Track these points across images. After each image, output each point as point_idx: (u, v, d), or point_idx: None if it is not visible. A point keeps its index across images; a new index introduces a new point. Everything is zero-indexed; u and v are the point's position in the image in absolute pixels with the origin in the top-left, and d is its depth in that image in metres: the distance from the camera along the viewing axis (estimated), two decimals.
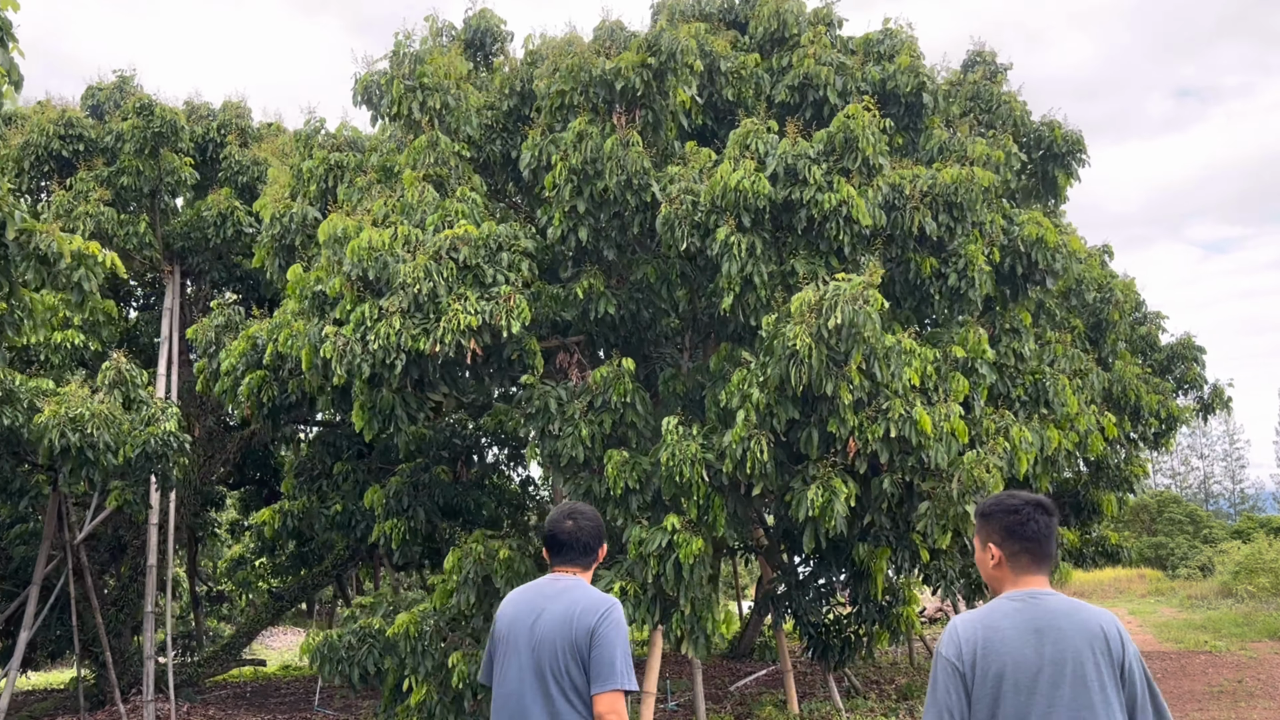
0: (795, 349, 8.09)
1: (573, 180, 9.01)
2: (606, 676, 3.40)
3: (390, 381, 8.53)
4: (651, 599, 8.92)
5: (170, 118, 14.84)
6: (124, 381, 13.04)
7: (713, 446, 8.89)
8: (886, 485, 8.78)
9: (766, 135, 9.10)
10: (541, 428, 9.20)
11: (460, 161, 9.94)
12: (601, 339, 10.29)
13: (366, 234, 8.54)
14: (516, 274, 8.92)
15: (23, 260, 7.82)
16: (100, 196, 14.48)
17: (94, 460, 12.16)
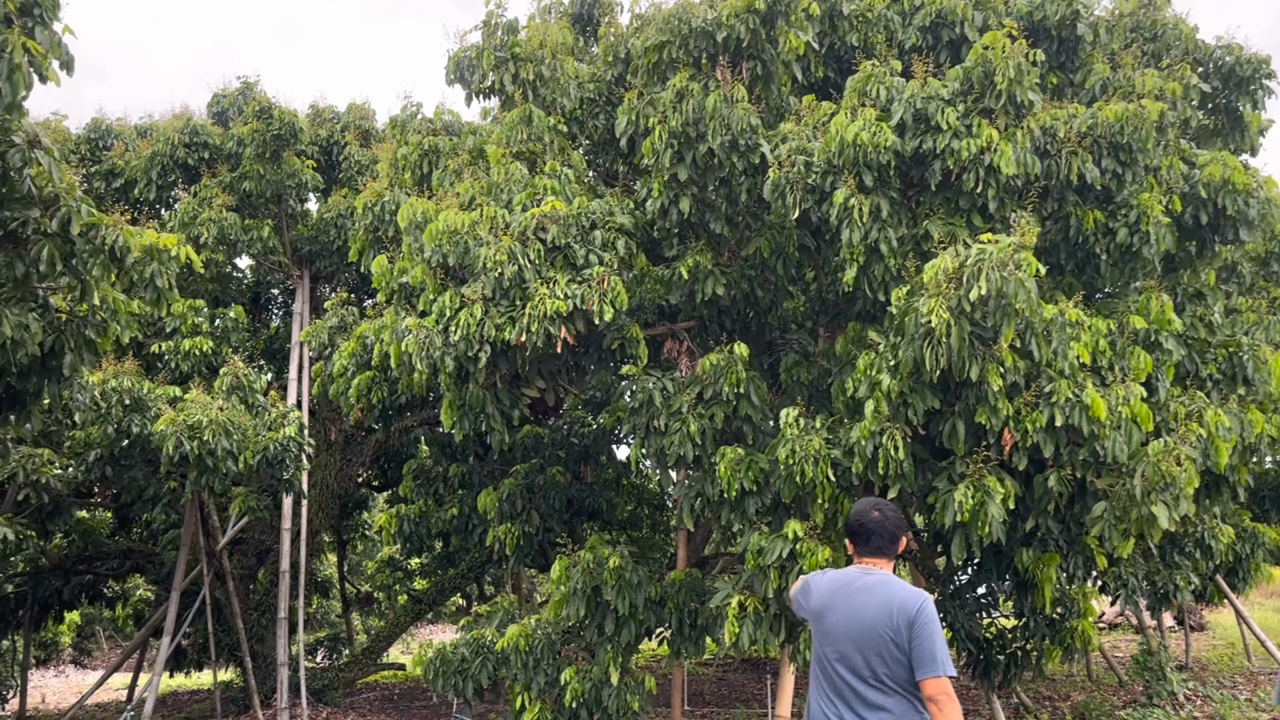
0: (931, 326, 6.72)
1: (672, 145, 7.89)
2: (931, 664, 3.72)
3: (476, 376, 7.62)
4: (775, 616, 7.70)
5: (289, 120, 14.50)
6: (241, 387, 12.70)
7: (839, 441, 7.61)
8: (1053, 483, 7.29)
9: (890, 79, 7.72)
10: (645, 423, 8.12)
11: (556, 136, 8.96)
12: (714, 324, 9.13)
13: (444, 217, 7.64)
14: (611, 253, 7.87)
15: (90, 256, 7.26)
16: (224, 202, 14.24)
17: (214, 467, 11.82)
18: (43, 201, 7.07)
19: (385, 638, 17.20)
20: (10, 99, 5.71)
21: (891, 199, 7.52)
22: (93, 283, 7.40)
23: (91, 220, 7.24)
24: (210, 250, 14.08)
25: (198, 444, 11.55)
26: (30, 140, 6.86)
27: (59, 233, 7.07)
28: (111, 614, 22.24)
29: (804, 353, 9.59)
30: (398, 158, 9.83)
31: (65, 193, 7.18)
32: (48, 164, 6.88)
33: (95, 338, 8.05)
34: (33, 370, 8.08)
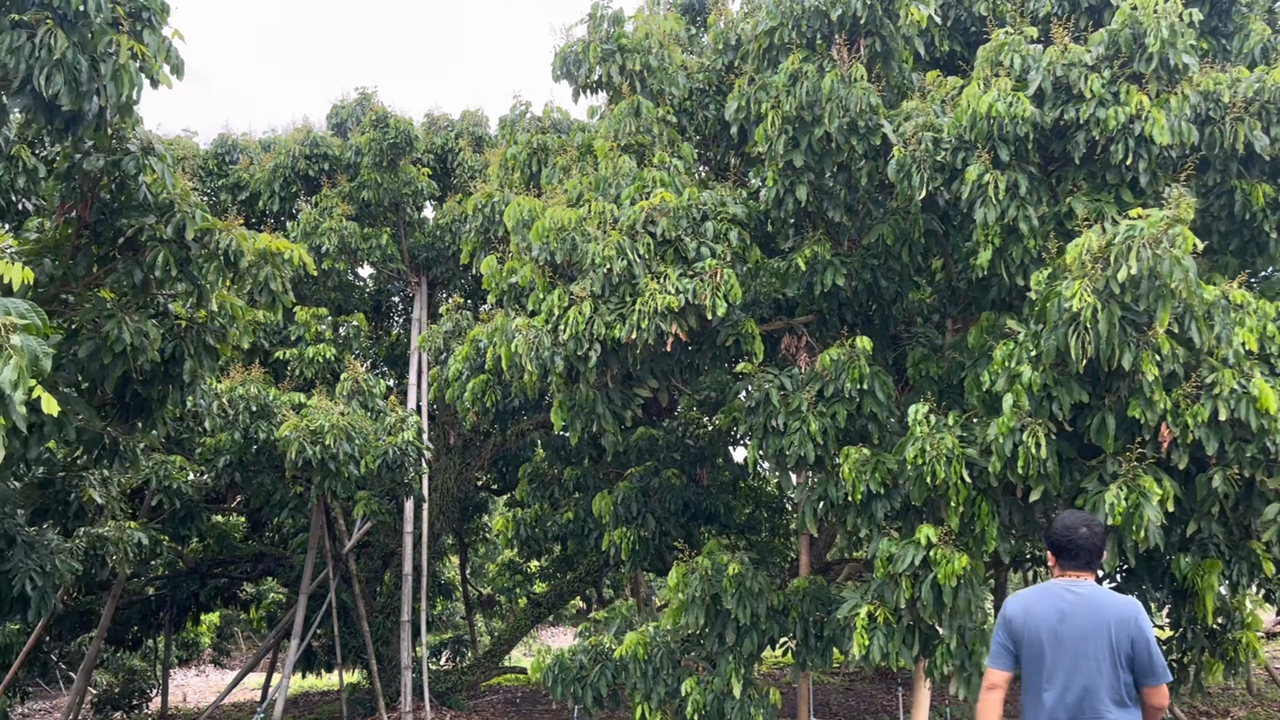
0: (1075, 311, 6.08)
1: (786, 130, 7.42)
2: (1156, 672, 3.84)
3: (586, 375, 7.29)
4: (908, 628, 7.14)
5: (404, 128, 14.55)
6: (361, 392, 12.72)
7: (975, 439, 7.01)
8: (1217, 483, 6.54)
9: (1025, 46, 7.07)
10: (763, 423, 7.66)
11: (665, 128, 8.57)
12: (834, 318, 8.59)
13: (550, 213, 7.34)
14: (724, 245, 7.44)
15: (205, 261, 7.22)
16: (343, 212, 14.36)
17: (335, 471, 11.85)
18: (158, 208, 7.06)
19: (506, 641, 17.09)
20: (117, 99, 5.64)
21: (1030, 174, 6.88)
22: (209, 288, 7.35)
23: (206, 225, 7.20)
24: (331, 259, 14.20)
25: (320, 449, 11.59)
26: (144, 147, 6.85)
27: (174, 238, 7.05)
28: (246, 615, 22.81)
29: (932, 346, 8.97)
30: (507, 158, 9.62)
31: (180, 199, 7.16)
32: (161, 170, 6.85)
33: (214, 343, 8.04)
34: (155, 377, 8.11)
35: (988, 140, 6.80)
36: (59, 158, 6.76)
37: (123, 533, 11.87)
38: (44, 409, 4.71)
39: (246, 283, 7.59)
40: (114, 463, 9.30)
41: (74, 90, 5.39)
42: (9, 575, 8.93)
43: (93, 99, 5.53)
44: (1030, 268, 6.87)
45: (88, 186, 6.79)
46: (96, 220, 7.08)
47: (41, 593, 9.02)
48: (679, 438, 11.56)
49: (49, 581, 9.07)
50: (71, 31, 5.41)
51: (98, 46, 5.53)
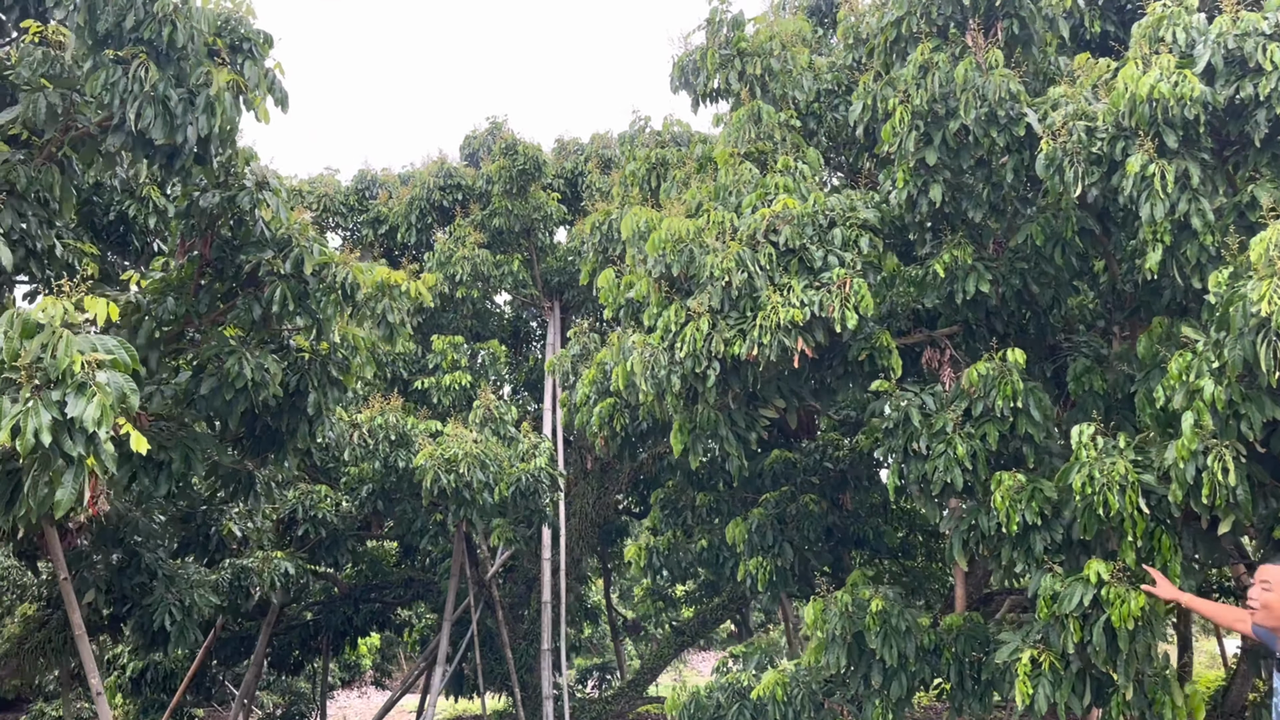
0: (1264, 316, 5.20)
1: (917, 125, 6.77)
2: None
3: (705, 395, 6.80)
4: (1077, 674, 6.32)
5: (533, 154, 14.50)
6: (493, 419, 12.59)
7: (1150, 464, 6.15)
8: None
9: (1187, 18, 6.21)
10: (903, 446, 6.97)
11: (789, 133, 8.03)
12: (982, 328, 7.83)
13: (667, 224, 6.89)
14: (853, 253, 6.83)
15: (322, 294, 7.11)
16: (476, 240, 14.37)
17: (471, 499, 11.73)
18: (276, 243, 7.00)
19: (649, 670, 16.67)
20: (209, 131, 5.51)
21: (1203, 162, 6.01)
22: (327, 321, 7.25)
23: (324, 259, 7.10)
24: (465, 288, 14.22)
25: (454, 477, 11.51)
26: (259, 182, 6.78)
27: (293, 273, 6.97)
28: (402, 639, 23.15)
29: (1096, 356, 8.08)
30: (626, 175, 9.26)
31: (299, 233, 7.07)
32: (276, 205, 6.76)
33: (338, 375, 7.94)
34: (282, 411, 8.07)
35: (1151, 126, 5.97)
36: (179, 197, 6.77)
37: (269, 563, 12.05)
38: (134, 447, 4.54)
39: (365, 315, 7.47)
40: (249, 496, 9.34)
41: (167, 123, 5.29)
42: (151, 609, 9.08)
43: (186, 131, 5.42)
44: (1207, 267, 5.99)
45: (206, 224, 6.78)
46: (217, 257, 7.08)
47: (180, 627, 9.14)
48: (817, 460, 10.90)
49: (188, 615, 9.16)
50: (166, 65, 5.33)
51: (192, 79, 5.42)
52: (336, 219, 16.44)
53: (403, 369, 14.20)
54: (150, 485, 7.20)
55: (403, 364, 14.20)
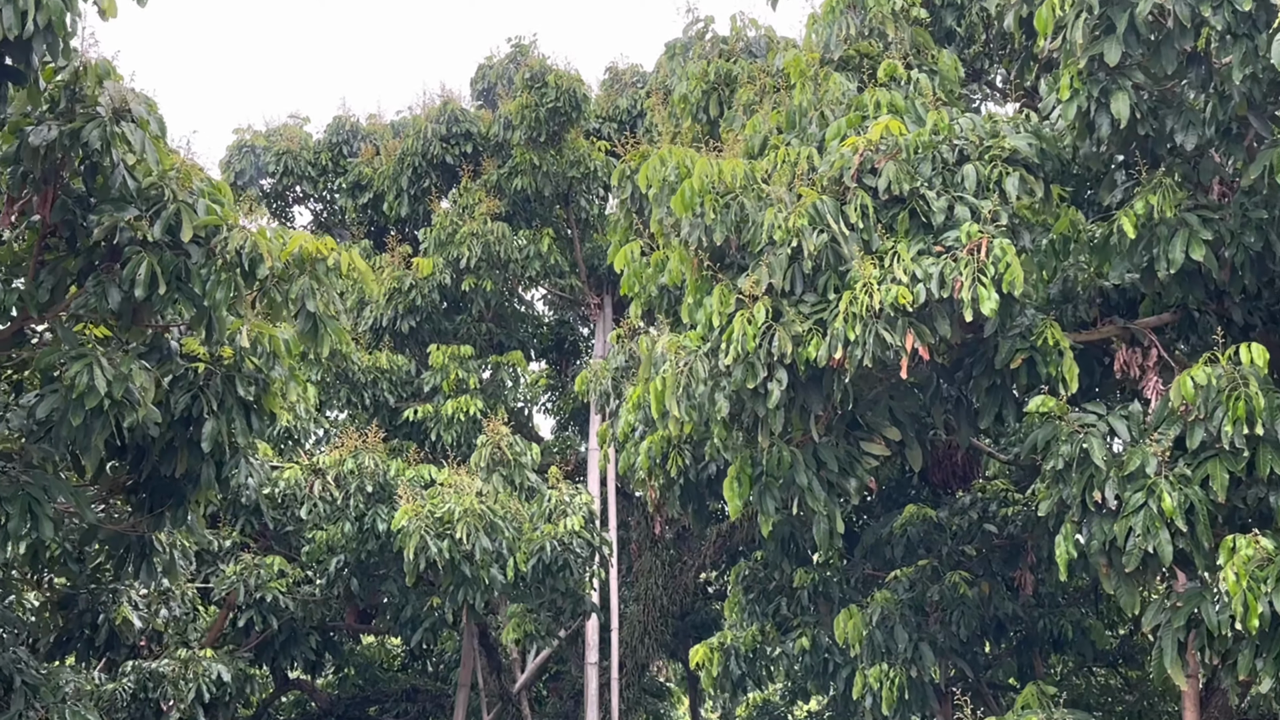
0: None
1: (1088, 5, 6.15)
2: None
3: (769, 422, 6.24)
4: None
5: (570, 86, 14.04)
6: (507, 462, 12.16)
7: None
8: None
9: None
10: (1078, 494, 6.33)
11: (908, 27, 7.48)
12: (1207, 316, 7.16)
13: (701, 167, 6.35)
14: (995, 200, 6.23)
15: (209, 272, 6.68)
16: (490, 208, 13.98)
17: (472, 576, 11.30)
18: (143, 198, 6.63)
19: None
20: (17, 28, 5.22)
21: None
22: (217, 311, 6.82)
23: (210, 221, 6.68)
24: (476, 276, 13.85)
25: (449, 544, 11.07)
26: (117, 110, 6.42)
27: (166, 240, 6.58)
28: None
29: None
30: (676, 101, 8.78)
31: (175, 184, 6.68)
32: (140, 141, 6.39)
33: (247, 395, 7.55)
34: (176, 445, 7.73)
35: None
36: (4, 133, 6.45)
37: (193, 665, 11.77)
38: None
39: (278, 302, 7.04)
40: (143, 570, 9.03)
41: None
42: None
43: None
44: None
45: (45, 172, 6.43)
46: (64, 220, 6.73)
47: None
48: (975, 521, 10.20)
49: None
50: None
51: None
52: (304, 186, 16.28)
53: (388, 392, 13.87)
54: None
55: (388, 385, 13.89)
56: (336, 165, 16.25)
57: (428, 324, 14.32)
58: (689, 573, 16.01)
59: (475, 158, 14.81)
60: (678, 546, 15.85)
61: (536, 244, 14.14)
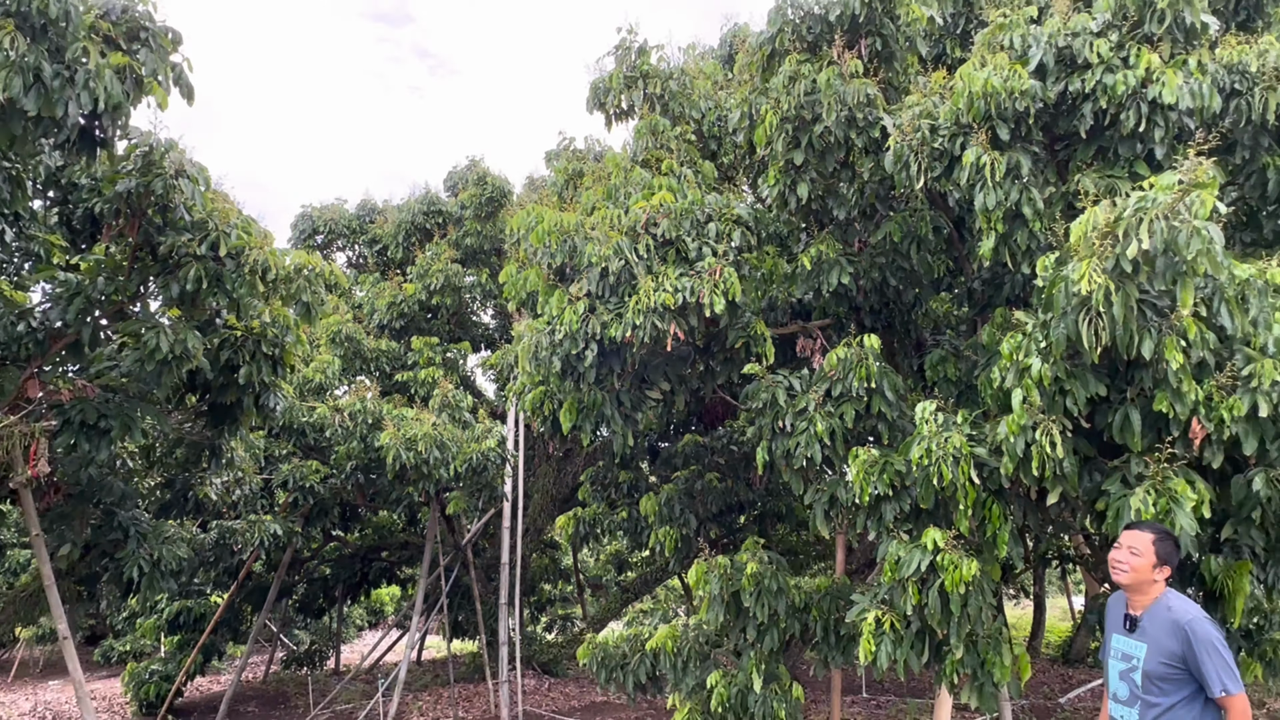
0: (1085, 295, 4.32)
1: (785, 128, 5.89)
2: None
3: (585, 375, 5.87)
4: (916, 634, 5.39)
5: (499, 184, 13.65)
6: (451, 406, 11.64)
7: (985, 439, 5.25)
8: (1259, 486, 4.61)
9: (1025, 26, 5.33)
10: (770, 424, 6.06)
11: (684, 145, 7.16)
12: (851, 321, 6.93)
13: (550, 217, 5.99)
14: (726, 245, 5.92)
15: (237, 276, 6.16)
16: (450, 256, 13.44)
17: (428, 474, 10.76)
18: (195, 227, 6.06)
19: (599, 620, 15.70)
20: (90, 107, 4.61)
21: (1034, 154, 5.12)
22: (244, 300, 6.28)
23: (240, 243, 6.15)
24: (440, 295, 13.33)
25: (414, 454, 10.55)
26: (177, 171, 5.84)
27: (209, 255, 6.02)
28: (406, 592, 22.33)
29: (953, 349, 7.20)
30: (548, 186, 8.36)
31: (218, 219, 6.12)
32: (191, 191, 5.82)
33: (270, 352, 6.98)
34: (227, 386, 7.13)
35: (985, 121, 5.08)
36: (105, 183, 5.84)
37: (258, 525, 11.07)
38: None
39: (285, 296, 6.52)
40: (215, 463, 8.38)
41: (40, 95, 4.37)
42: (122, 563, 8.09)
43: (66, 106, 4.50)
44: (1037, 254, 5.10)
45: (131, 209, 5.84)
46: (145, 241, 6.13)
47: (150, 578, 8.14)
48: (724, 444, 9.98)
49: (156, 567, 8.17)
50: (41, 39, 4.41)
51: (68, 54, 4.51)
52: (341, 240, 15.51)
53: (386, 364, 13.23)
54: (91, 450, 6.26)
55: (386, 360, 13.24)
56: (362, 228, 15.50)
57: (411, 324, 13.71)
58: (568, 476, 15.59)
59: (443, 225, 14.21)
60: (563, 461, 15.43)
61: (479, 278, 13.62)
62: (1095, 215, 4.30)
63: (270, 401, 7.39)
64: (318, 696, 15.03)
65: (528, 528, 15.32)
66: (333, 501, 12.79)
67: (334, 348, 12.56)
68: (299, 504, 12.25)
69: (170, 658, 14.63)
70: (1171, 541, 3.66)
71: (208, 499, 9.67)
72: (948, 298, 7.44)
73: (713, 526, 9.39)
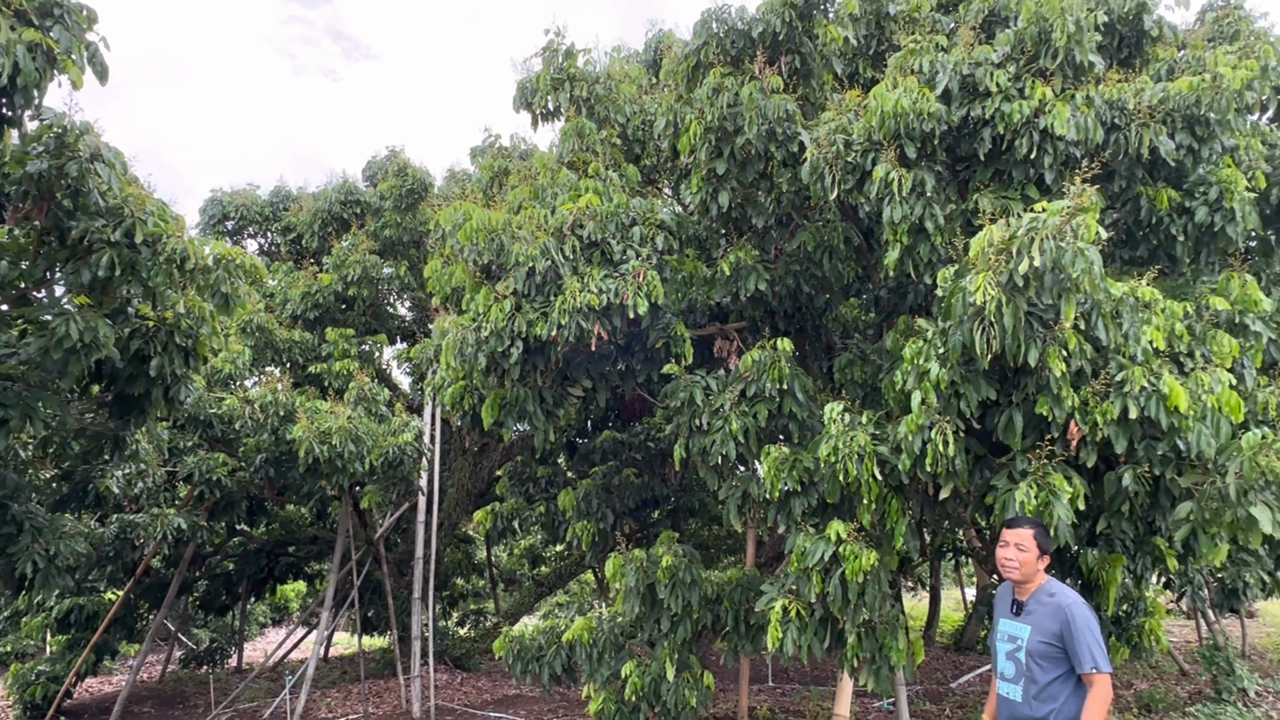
0: (980, 305, 4.66)
1: (709, 139, 6.09)
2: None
3: (510, 372, 5.93)
4: (819, 621, 5.67)
5: (421, 177, 13.43)
6: (367, 399, 11.45)
7: (887, 438, 5.57)
8: (1127, 481, 5.05)
9: (934, 53, 5.68)
10: (688, 422, 6.25)
11: (609, 148, 7.28)
12: (765, 324, 7.19)
13: (478, 215, 6.02)
14: (649, 248, 6.08)
15: (153, 265, 5.96)
16: (368, 247, 13.19)
17: (342, 468, 10.56)
18: (109, 213, 5.84)
19: (512, 614, 15.69)
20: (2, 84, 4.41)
21: (938, 173, 5.47)
22: (160, 289, 6.08)
23: (156, 231, 5.95)
24: (358, 287, 13.06)
25: (328, 448, 10.35)
26: (93, 154, 5.62)
27: (124, 241, 5.81)
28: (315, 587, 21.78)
29: (861, 353, 7.55)
30: (472, 183, 8.35)
31: (135, 204, 5.91)
32: (108, 176, 5.61)
33: (183, 344, 6.76)
34: (135, 376, 6.87)
35: (895, 140, 5.40)
36: (11, 163, 5.56)
37: (161, 519, 10.66)
38: None
39: (202, 286, 6.33)
40: (118, 456, 8.05)
41: None
42: (15, 557, 7.70)
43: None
44: (938, 266, 5.45)
45: (40, 192, 5.58)
46: (55, 225, 5.87)
47: (45, 574, 7.76)
48: (642, 440, 10.15)
49: (52, 563, 7.80)
50: None
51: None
52: (253, 227, 15.00)
53: (299, 355, 12.89)
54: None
55: (299, 352, 12.90)
56: (275, 215, 15.02)
57: (326, 315, 13.38)
58: (484, 471, 15.51)
59: (362, 216, 13.92)
60: (479, 454, 15.34)
61: (398, 270, 13.40)
62: (992, 233, 4.64)
63: (181, 394, 7.15)
64: (219, 695, 14.52)
65: (442, 522, 15.19)
66: (240, 495, 12.40)
67: (245, 338, 12.17)
68: (204, 497, 11.85)
69: (59, 658, 13.89)
70: (1045, 532, 4.03)
71: (109, 492, 9.26)
72: (856, 304, 7.78)
73: (629, 521, 9.54)
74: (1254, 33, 7.74)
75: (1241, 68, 6.31)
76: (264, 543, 16.18)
